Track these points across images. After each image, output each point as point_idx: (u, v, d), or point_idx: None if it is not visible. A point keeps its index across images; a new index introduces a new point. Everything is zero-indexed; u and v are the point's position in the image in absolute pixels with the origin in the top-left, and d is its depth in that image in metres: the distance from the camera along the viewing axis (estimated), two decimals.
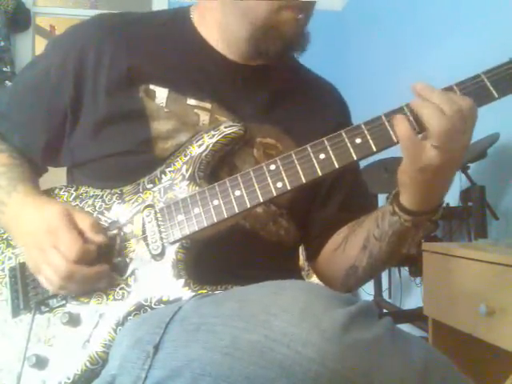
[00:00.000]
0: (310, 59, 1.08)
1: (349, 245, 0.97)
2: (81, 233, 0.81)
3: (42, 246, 0.81)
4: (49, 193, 0.94)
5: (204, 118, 0.93)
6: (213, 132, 0.87)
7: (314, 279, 2.81)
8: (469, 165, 1.97)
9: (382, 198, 2.53)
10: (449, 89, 0.77)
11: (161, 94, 0.93)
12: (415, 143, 0.75)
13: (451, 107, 0.73)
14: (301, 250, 1.09)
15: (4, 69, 3.37)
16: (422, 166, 0.76)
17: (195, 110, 0.93)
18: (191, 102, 0.93)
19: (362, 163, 1.13)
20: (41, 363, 0.81)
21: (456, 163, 0.79)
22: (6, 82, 3.31)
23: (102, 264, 0.82)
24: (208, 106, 0.94)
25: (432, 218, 0.86)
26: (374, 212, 0.92)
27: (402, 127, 0.75)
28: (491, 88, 0.75)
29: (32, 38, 3.69)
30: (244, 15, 0.91)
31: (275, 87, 1.00)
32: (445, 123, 0.73)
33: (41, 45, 3.72)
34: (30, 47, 3.66)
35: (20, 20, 3.57)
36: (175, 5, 1.08)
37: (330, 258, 1.01)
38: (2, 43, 3.40)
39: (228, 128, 0.87)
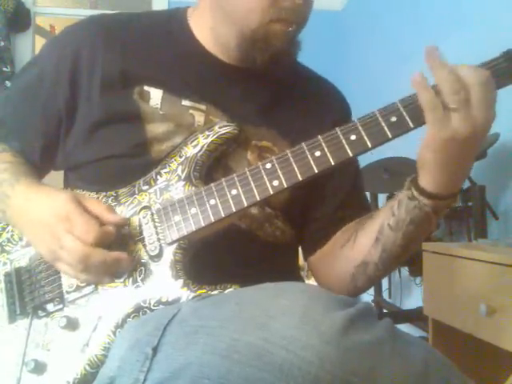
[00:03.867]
0: (310, 59, 1.08)
1: (359, 239, 0.92)
2: (95, 217, 0.80)
3: (56, 233, 0.79)
4: None
5: (199, 119, 0.93)
6: (207, 132, 0.87)
7: (313, 279, 2.81)
8: None
9: (382, 198, 2.53)
10: None
11: (155, 94, 0.93)
12: (438, 111, 0.72)
13: (471, 74, 0.71)
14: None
15: (4, 69, 3.37)
16: (447, 137, 0.72)
17: (190, 111, 0.93)
18: (186, 102, 0.93)
19: (362, 163, 1.13)
20: (40, 368, 0.80)
21: (481, 135, 0.74)
22: (6, 82, 3.32)
23: (122, 252, 0.80)
24: (203, 107, 0.94)
25: (451, 204, 0.82)
26: (387, 203, 0.89)
27: (424, 95, 0.73)
28: None
29: (32, 38, 3.69)
30: (233, 24, 0.91)
31: (272, 88, 0.99)
32: (456, 82, 0.70)
33: (41, 45, 3.71)
34: (30, 47, 3.66)
35: (20, 20, 3.57)
36: (175, 5, 1.07)
37: (337, 257, 0.97)
38: (2, 43, 3.40)
39: (222, 128, 0.87)
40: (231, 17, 0.91)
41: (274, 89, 0.99)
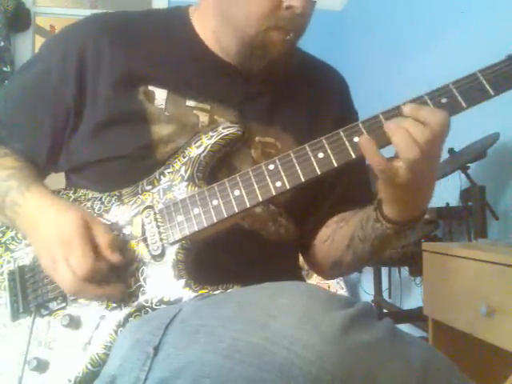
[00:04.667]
0: None
1: (335, 241, 0.99)
2: (96, 247, 0.79)
3: (54, 257, 0.79)
4: None
5: (203, 119, 0.93)
6: (211, 133, 0.87)
7: (314, 279, 2.81)
8: (469, 165, 1.96)
9: None
10: (445, 87, 0.77)
11: (160, 95, 0.93)
12: (387, 172, 0.74)
13: (423, 135, 0.72)
14: None
15: (4, 69, 3.36)
16: (396, 186, 0.76)
17: (194, 112, 0.93)
18: (190, 103, 0.93)
19: None
20: (42, 366, 0.80)
21: (430, 180, 0.79)
22: (6, 82, 3.31)
23: (116, 284, 0.80)
24: (207, 107, 0.94)
25: (414, 227, 0.86)
26: (360, 213, 0.93)
27: (369, 152, 0.74)
28: (487, 86, 0.76)
29: (32, 38, 3.69)
30: (234, 30, 0.92)
31: (274, 85, 0.99)
32: (416, 151, 0.72)
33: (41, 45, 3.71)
34: (30, 47, 3.66)
35: (20, 20, 3.57)
36: (175, 5, 1.07)
37: (319, 249, 1.03)
38: (2, 43, 3.39)
39: (226, 129, 0.87)
40: (231, 23, 0.92)
41: (275, 85, 0.99)
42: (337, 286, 3.06)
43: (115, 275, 0.81)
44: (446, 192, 2.17)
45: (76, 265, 0.77)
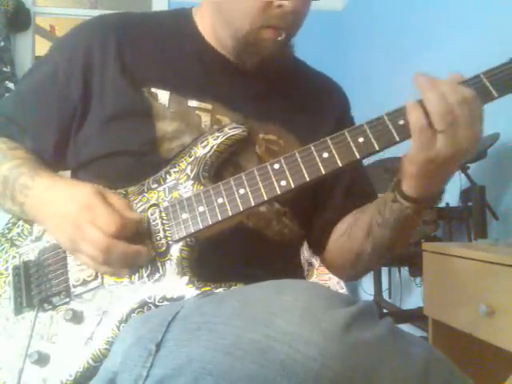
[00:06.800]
0: (311, 59, 1.09)
1: (353, 232, 0.98)
2: (116, 210, 0.81)
3: (79, 223, 0.79)
4: None
5: (205, 119, 0.94)
6: (217, 133, 0.88)
7: (314, 279, 2.81)
8: (469, 165, 1.97)
9: None
10: None
11: (163, 96, 0.94)
12: (426, 132, 0.74)
13: (455, 95, 0.73)
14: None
15: (4, 69, 3.36)
16: (430, 157, 0.75)
17: (196, 112, 0.94)
18: (192, 103, 0.95)
19: None
20: (43, 360, 0.80)
21: (464, 155, 0.77)
22: (6, 82, 3.31)
23: (141, 245, 0.81)
24: (209, 106, 0.95)
25: (432, 206, 0.87)
26: (377, 199, 0.94)
27: (414, 114, 0.75)
28: (490, 87, 0.76)
29: (32, 38, 3.68)
30: (228, 25, 0.94)
31: (275, 84, 1.01)
32: (445, 105, 0.73)
33: (41, 45, 3.71)
34: (30, 47, 3.65)
35: (20, 20, 3.56)
36: (175, 5, 1.09)
37: (336, 246, 1.03)
38: (2, 43, 3.39)
39: (232, 130, 0.89)
40: (226, 17, 0.94)
41: (276, 84, 1.01)
42: (337, 286, 3.05)
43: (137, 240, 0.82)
44: (446, 192, 2.16)
45: (105, 223, 0.78)
